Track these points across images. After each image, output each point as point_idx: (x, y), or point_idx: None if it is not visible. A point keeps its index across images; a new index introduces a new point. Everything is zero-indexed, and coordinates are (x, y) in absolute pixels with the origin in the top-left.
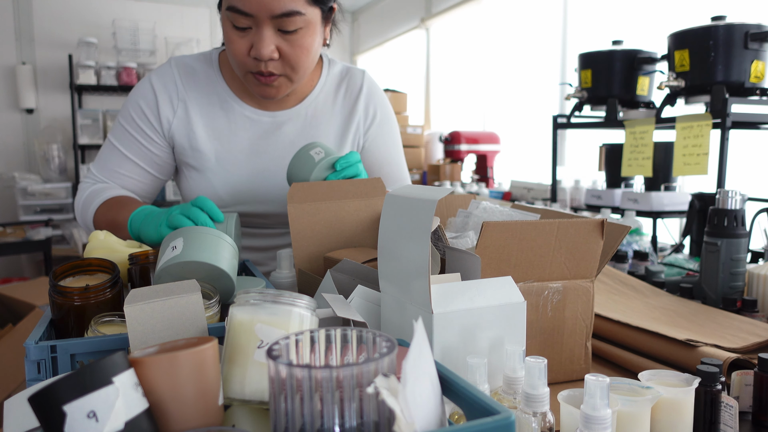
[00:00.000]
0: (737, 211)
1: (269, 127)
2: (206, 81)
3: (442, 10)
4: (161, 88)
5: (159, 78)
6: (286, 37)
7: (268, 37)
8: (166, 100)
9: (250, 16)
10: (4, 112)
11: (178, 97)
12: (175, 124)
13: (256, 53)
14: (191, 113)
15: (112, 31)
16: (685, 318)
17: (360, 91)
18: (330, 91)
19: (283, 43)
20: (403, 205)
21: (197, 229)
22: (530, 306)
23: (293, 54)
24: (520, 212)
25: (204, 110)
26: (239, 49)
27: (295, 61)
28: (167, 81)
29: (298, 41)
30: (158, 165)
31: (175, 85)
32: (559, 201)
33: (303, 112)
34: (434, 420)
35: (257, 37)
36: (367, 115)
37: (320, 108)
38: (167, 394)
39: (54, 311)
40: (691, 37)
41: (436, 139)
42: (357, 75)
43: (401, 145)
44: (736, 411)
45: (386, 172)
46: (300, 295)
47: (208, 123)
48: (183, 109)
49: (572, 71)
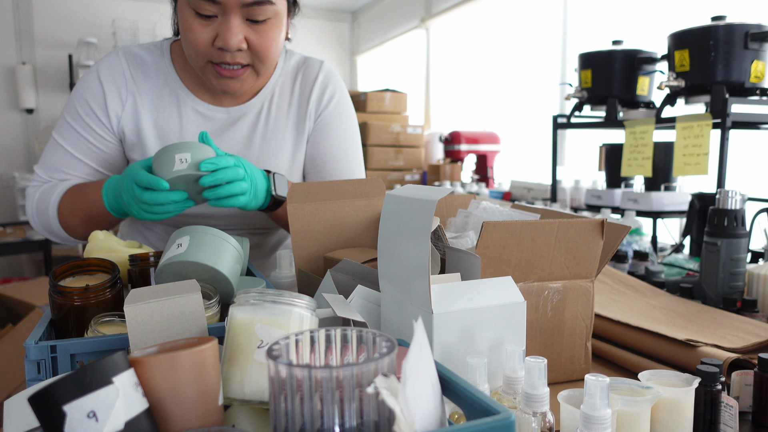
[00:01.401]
0: (737, 211)
1: (223, 123)
2: (156, 73)
3: (442, 10)
4: (109, 81)
5: (107, 69)
6: (254, 27)
7: (236, 26)
8: (114, 93)
9: (218, 3)
10: (4, 112)
11: (127, 89)
12: (123, 118)
13: (224, 43)
14: (140, 107)
15: (112, 31)
16: (685, 318)
17: (315, 80)
18: (286, 83)
19: (251, 33)
20: (403, 205)
21: (205, 230)
22: (530, 306)
23: (261, 45)
24: (520, 212)
25: (154, 104)
26: (201, 38)
27: (263, 52)
28: (115, 72)
29: (267, 32)
30: (108, 162)
31: (123, 76)
32: (559, 201)
33: (258, 105)
34: (434, 420)
35: (224, 26)
36: (320, 104)
37: (275, 101)
38: (167, 394)
39: (54, 311)
40: (691, 37)
41: (436, 139)
42: (314, 65)
43: (357, 142)
44: (736, 411)
45: (330, 167)
46: (300, 295)
47: (157, 117)
48: (132, 102)
49: (572, 71)
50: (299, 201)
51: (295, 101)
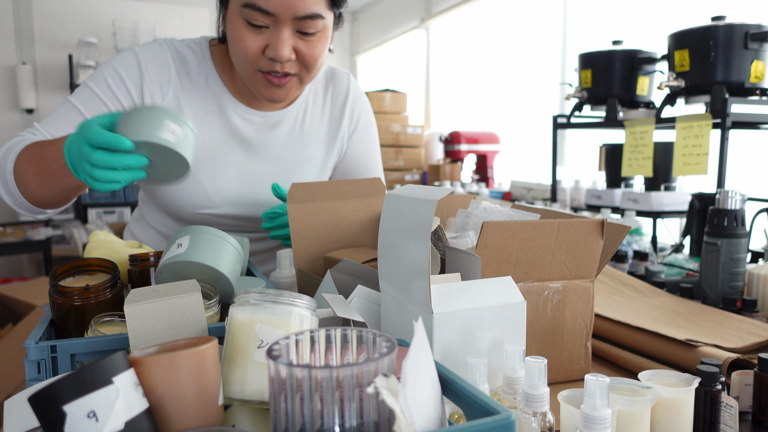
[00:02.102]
0: (737, 211)
1: (261, 127)
2: (199, 73)
3: (442, 10)
4: (151, 67)
5: (149, 56)
6: (304, 38)
7: (288, 37)
8: (154, 81)
9: (271, 15)
10: (4, 112)
11: (170, 83)
12: None
13: (275, 53)
14: (183, 104)
15: (112, 31)
16: (685, 318)
17: (347, 96)
18: (318, 93)
19: (301, 44)
20: (403, 205)
21: (205, 230)
22: (530, 306)
23: (309, 56)
24: (520, 212)
25: (196, 104)
26: (252, 47)
27: (310, 62)
28: (159, 62)
29: (315, 43)
30: None
31: (168, 69)
32: (559, 201)
33: (293, 113)
34: (434, 420)
35: (276, 37)
36: (352, 120)
37: (309, 110)
38: (167, 394)
39: (54, 311)
40: (691, 37)
41: (436, 139)
42: (343, 78)
43: (379, 146)
44: (736, 411)
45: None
46: (300, 295)
47: (199, 118)
48: (174, 98)
49: (572, 71)
50: (299, 201)
51: (327, 112)
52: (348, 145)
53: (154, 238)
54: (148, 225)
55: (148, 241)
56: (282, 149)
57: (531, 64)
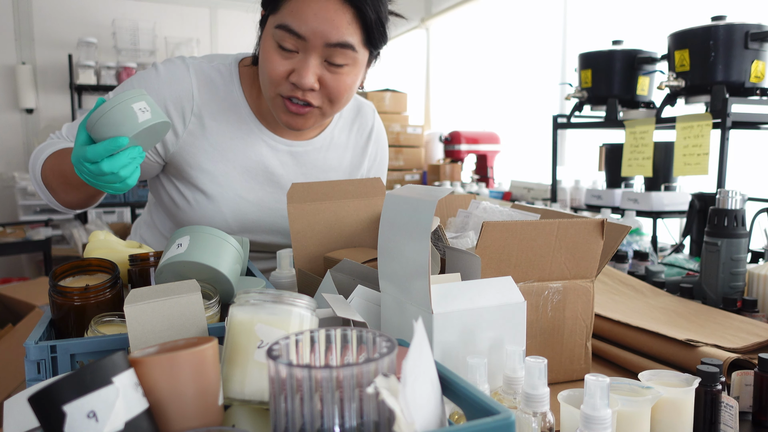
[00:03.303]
0: (737, 211)
1: (285, 156)
2: (226, 96)
3: (442, 10)
4: (173, 97)
5: (172, 83)
6: (331, 69)
7: (314, 65)
8: (177, 112)
9: (302, 39)
10: (4, 112)
11: (192, 111)
12: (184, 140)
13: (298, 79)
14: (207, 130)
15: (112, 31)
16: (685, 318)
17: (371, 132)
18: (344, 126)
19: (327, 75)
20: (403, 205)
21: (205, 230)
22: (530, 306)
23: (335, 88)
24: (520, 212)
25: (221, 128)
26: (278, 70)
27: (335, 95)
28: (182, 90)
29: (342, 76)
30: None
31: (191, 96)
32: (559, 201)
33: (319, 144)
34: (434, 420)
35: (302, 63)
36: (372, 156)
37: (335, 142)
38: (167, 394)
39: (54, 311)
40: (691, 37)
41: (436, 139)
42: (369, 113)
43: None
44: (736, 411)
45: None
46: (300, 295)
47: (222, 142)
48: (197, 124)
49: (572, 71)
50: (299, 201)
51: (350, 147)
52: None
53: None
54: (158, 232)
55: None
56: (303, 179)
57: (531, 64)
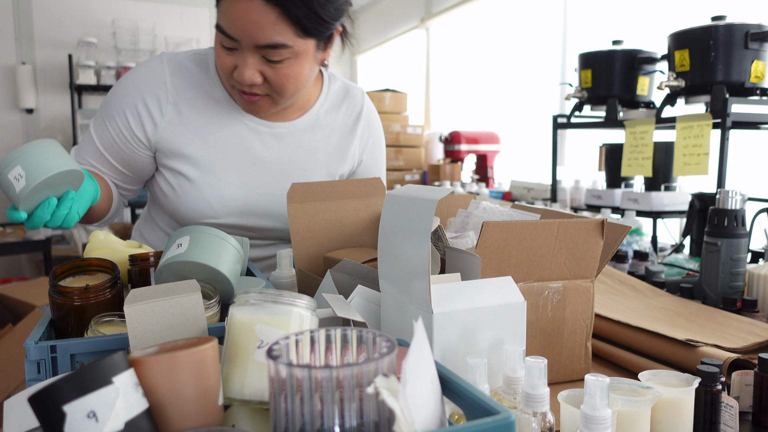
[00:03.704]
0: (737, 211)
1: (267, 138)
2: (201, 83)
3: (442, 10)
4: (150, 90)
5: (148, 77)
6: (270, 64)
7: (251, 63)
8: (154, 103)
9: (235, 40)
10: (4, 112)
11: (168, 98)
12: (164, 128)
13: (239, 76)
14: (184, 116)
15: (112, 31)
16: (685, 318)
17: (360, 113)
18: (331, 108)
19: (267, 70)
20: (403, 205)
21: (205, 230)
22: (530, 306)
23: (277, 81)
24: (520, 212)
25: (199, 114)
26: (225, 65)
27: (279, 87)
28: (157, 82)
29: (283, 70)
30: (133, 166)
31: (166, 85)
32: (559, 201)
33: (302, 126)
34: (434, 420)
35: (241, 61)
36: (363, 138)
37: (321, 123)
38: (167, 394)
39: (54, 311)
40: (691, 37)
41: (436, 139)
42: (357, 95)
43: (385, 162)
44: (736, 411)
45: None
46: (300, 295)
47: (202, 128)
48: (174, 112)
49: (572, 71)
50: (299, 201)
51: (338, 128)
52: (360, 161)
53: (163, 240)
54: (158, 227)
55: (156, 242)
56: (288, 161)
57: (531, 64)
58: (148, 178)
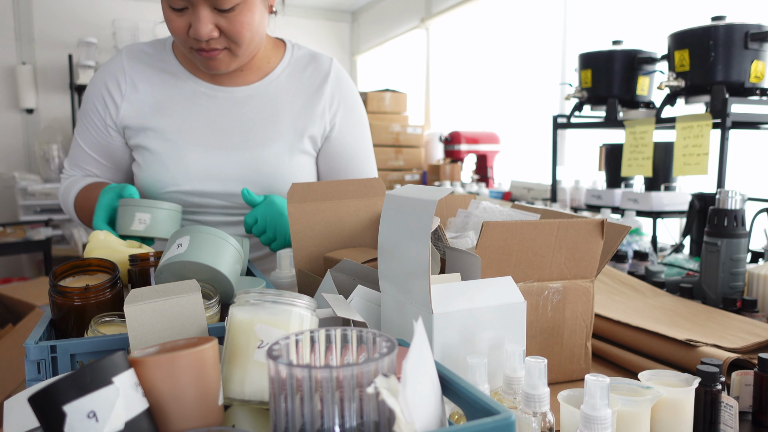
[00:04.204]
0: (737, 211)
1: (227, 103)
2: (157, 61)
3: (442, 10)
4: (110, 77)
5: (108, 67)
6: (223, 15)
7: (205, 17)
8: (114, 86)
9: None
10: (4, 112)
11: (126, 80)
12: (125, 108)
13: (194, 33)
14: (142, 92)
15: (112, 31)
16: (685, 318)
17: (327, 76)
18: (294, 72)
19: (222, 21)
20: (403, 205)
21: (205, 230)
22: (530, 306)
23: (233, 30)
24: (520, 212)
25: (155, 88)
26: (178, 28)
27: (235, 36)
28: (115, 68)
29: (237, 18)
30: (112, 157)
31: (123, 69)
32: (559, 201)
33: (263, 89)
34: (434, 420)
35: (194, 18)
36: (333, 100)
37: (282, 87)
38: (167, 394)
39: (54, 311)
40: (691, 37)
41: (436, 139)
42: (325, 61)
43: (370, 139)
44: (736, 411)
45: (355, 163)
46: (300, 295)
47: (159, 101)
48: (132, 91)
49: (572, 71)
50: (299, 201)
51: (303, 91)
52: (332, 125)
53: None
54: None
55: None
56: (250, 123)
57: (531, 64)
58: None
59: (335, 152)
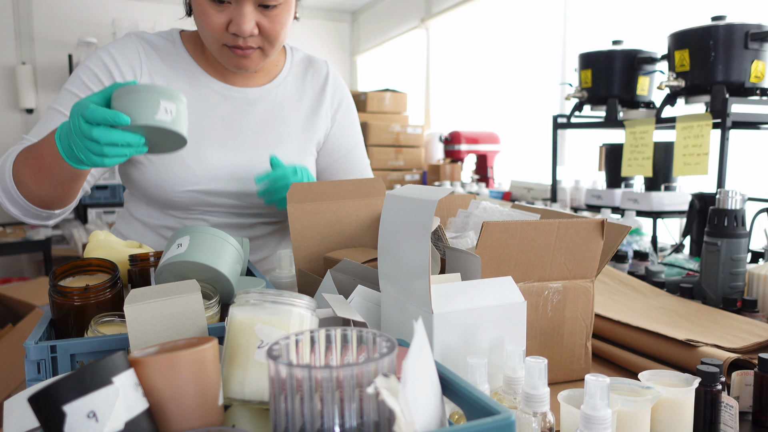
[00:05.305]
0: (737, 211)
1: (240, 102)
2: (170, 56)
3: (442, 10)
4: (122, 57)
5: (119, 48)
6: (266, 12)
7: (250, 13)
8: (127, 68)
9: None
10: (4, 112)
11: (142, 68)
12: None
13: (237, 29)
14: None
15: (112, 31)
16: (685, 318)
17: (327, 79)
18: (297, 75)
19: (263, 19)
20: (403, 205)
21: (205, 230)
22: (530, 306)
23: (272, 29)
24: (520, 212)
25: (172, 84)
26: (216, 23)
27: (273, 36)
28: (129, 51)
29: (278, 17)
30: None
31: (138, 56)
32: (559, 201)
33: (273, 92)
34: (434, 420)
35: (238, 13)
36: (333, 101)
37: (289, 90)
38: (167, 394)
39: (54, 311)
40: (691, 37)
41: (436, 139)
42: (321, 64)
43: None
44: (736, 411)
45: (353, 156)
46: (300, 295)
47: None
48: (148, 79)
49: (572, 71)
50: (299, 201)
51: (307, 93)
52: (333, 124)
53: (140, 232)
54: (135, 219)
55: (134, 235)
56: (262, 124)
57: (531, 64)
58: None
59: (333, 149)
